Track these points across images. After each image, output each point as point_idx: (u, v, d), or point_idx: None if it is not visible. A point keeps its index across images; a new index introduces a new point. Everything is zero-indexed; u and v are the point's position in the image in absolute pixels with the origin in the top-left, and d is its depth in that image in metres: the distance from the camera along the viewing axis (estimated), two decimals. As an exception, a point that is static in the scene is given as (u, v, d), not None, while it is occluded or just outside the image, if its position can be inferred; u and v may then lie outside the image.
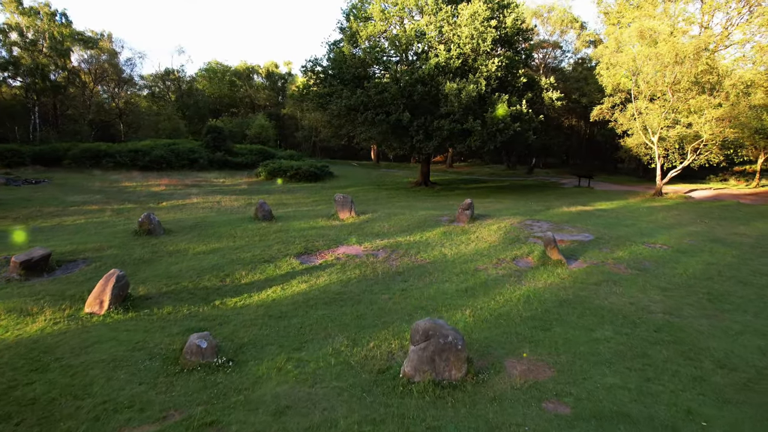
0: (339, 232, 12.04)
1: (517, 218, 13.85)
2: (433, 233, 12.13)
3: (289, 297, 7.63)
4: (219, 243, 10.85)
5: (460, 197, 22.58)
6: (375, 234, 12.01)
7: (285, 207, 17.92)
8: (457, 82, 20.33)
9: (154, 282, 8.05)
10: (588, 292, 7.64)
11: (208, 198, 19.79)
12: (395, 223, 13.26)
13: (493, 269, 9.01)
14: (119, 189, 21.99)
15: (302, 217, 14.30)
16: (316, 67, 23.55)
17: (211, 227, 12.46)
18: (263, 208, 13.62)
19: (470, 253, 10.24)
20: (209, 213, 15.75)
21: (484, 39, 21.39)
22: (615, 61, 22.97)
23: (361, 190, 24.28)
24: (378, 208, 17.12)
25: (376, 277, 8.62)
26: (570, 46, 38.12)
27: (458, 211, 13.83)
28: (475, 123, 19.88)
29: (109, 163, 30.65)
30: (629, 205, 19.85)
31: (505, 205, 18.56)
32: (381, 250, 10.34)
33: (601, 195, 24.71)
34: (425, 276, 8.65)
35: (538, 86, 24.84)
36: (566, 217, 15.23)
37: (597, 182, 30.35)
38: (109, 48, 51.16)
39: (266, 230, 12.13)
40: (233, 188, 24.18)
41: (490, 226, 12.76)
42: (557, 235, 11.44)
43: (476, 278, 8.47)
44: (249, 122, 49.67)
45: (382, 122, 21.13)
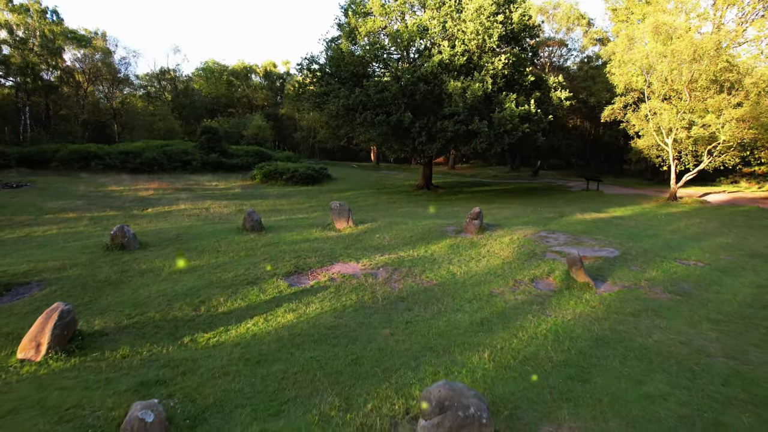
0: (334, 246, 10.85)
1: (530, 229, 12.67)
2: (439, 246, 10.95)
3: (273, 332, 6.44)
4: (199, 260, 9.66)
5: (464, 202, 21.39)
6: (374, 248, 10.82)
7: (278, 214, 16.73)
8: (462, 80, 19.15)
9: (116, 312, 6.86)
10: (626, 326, 6.45)
11: (197, 204, 18.60)
12: (397, 235, 12.08)
13: (510, 294, 7.82)
14: (104, 194, 20.80)
15: (295, 227, 13.12)
16: (313, 65, 22.36)
17: (194, 240, 11.27)
18: (252, 217, 12.43)
19: (482, 272, 9.05)
20: (195, 222, 14.55)
21: (491, 35, 20.21)
22: (628, 58, 21.78)
23: (360, 195, 23.09)
24: (378, 215, 15.93)
25: (375, 304, 7.43)
26: (576, 44, 36.97)
27: (466, 220, 12.65)
28: (482, 124, 18.69)
29: (98, 165, 29.50)
30: (646, 212, 18.66)
31: (514, 212, 17.37)
32: (381, 269, 9.15)
33: (613, 199, 23.52)
34: (432, 303, 7.46)
35: (546, 85, 23.66)
36: (582, 227, 14.04)
37: (605, 185, 29.16)
38: (103, 47, 50.00)
39: (254, 243, 10.94)
40: (225, 193, 23.00)
41: (501, 238, 11.57)
42: (578, 250, 10.26)
43: (492, 306, 7.28)
44: (246, 123, 48.50)
45: (382, 123, 19.94)
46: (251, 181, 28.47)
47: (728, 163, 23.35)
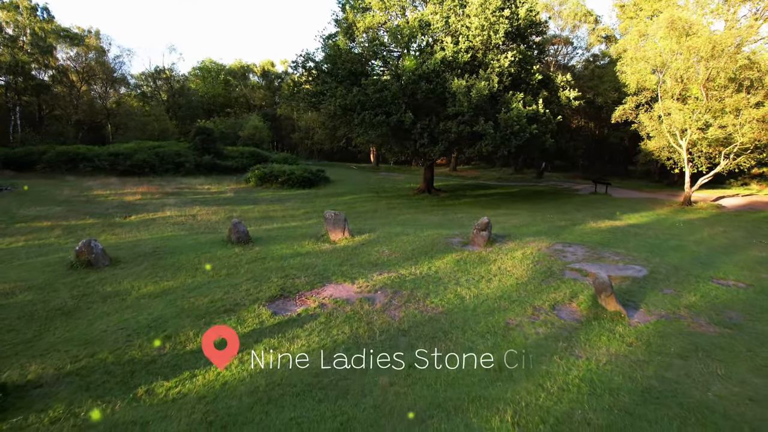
0: (328, 262, 9.73)
1: (543, 241, 11.54)
2: (444, 262, 9.83)
3: (247, 379, 5.32)
4: (174, 280, 8.54)
5: (468, 207, 20.27)
6: (372, 264, 9.71)
7: (269, 222, 15.62)
8: (466, 78, 18.03)
9: (60, 353, 5.74)
10: (676, 373, 5.32)
11: (185, 210, 17.48)
12: (397, 247, 10.97)
13: (530, 326, 6.70)
14: (88, 199, 19.68)
15: (286, 239, 11.99)
16: (308, 62, 21.22)
17: (172, 254, 10.15)
18: (237, 229, 11.30)
19: (494, 295, 7.92)
20: (178, 232, 13.44)
21: (496, 31, 19.10)
22: (641, 55, 20.64)
23: (358, 199, 21.97)
24: (376, 224, 14.82)
25: (372, 340, 6.31)
26: (582, 42, 35.84)
27: (473, 231, 11.53)
28: (487, 125, 17.57)
29: (86, 167, 28.41)
30: (662, 219, 17.54)
31: (522, 220, 16.25)
32: (379, 291, 8.03)
33: (624, 204, 22.41)
34: (439, 338, 6.34)
35: (554, 84, 22.54)
36: (599, 238, 12.92)
37: (613, 188, 28.04)
38: (97, 45, 48.88)
39: (238, 259, 9.82)
40: (217, 197, 21.88)
41: (513, 252, 10.45)
42: (601, 269, 9.14)
43: (510, 343, 6.16)
44: (242, 123, 47.36)
45: (381, 124, 18.82)
46: (245, 184, 27.40)
47: (743, 165, 22.27)
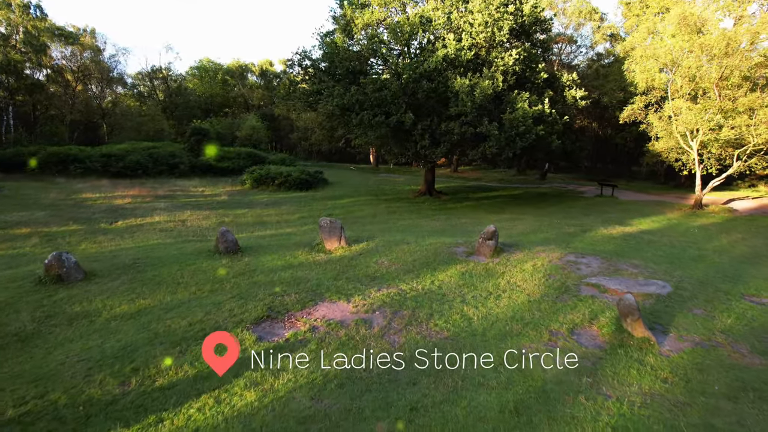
0: (322, 275, 8.95)
1: (554, 251, 10.76)
2: (448, 275, 9.05)
3: (222, 425, 4.54)
4: (151, 297, 7.76)
5: (471, 212, 19.49)
6: (370, 277, 8.93)
7: (262, 228, 14.83)
8: (470, 77, 17.24)
9: (4, 392, 4.95)
10: (727, 421, 4.53)
11: (174, 215, 16.70)
12: (397, 258, 10.19)
13: (547, 354, 5.91)
14: (75, 202, 18.90)
15: (278, 248, 11.21)
16: (305, 60, 20.41)
17: (153, 267, 9.36)
18: (225, 238, 10.51)
19: (505, 315, 7.14)
20: (164, 239, 12.66)
21: (500, 27, 18.33)
22: (651, 53, 19.84)
23: (356, 203, 21.18)
24: (375, 230, 14.04)
25: (368, 374, 5.52)
26: (586, 40, 35.03)
27: (478, 240, 10.74)
28: (491, 126, 16.78)
29: (77, 169, 27.67)
30: (674, 224, 16.76)
31: (529, 225, 15.46)
32: (377, 312, 7.24)
33: (631, 207, 21.63)
34: (445, 372, 5.54)
35: (560, 83, 21.77)
36: (612, 246, 12.14)
37: (619, 190, 27.25)
38: (92, 44, 48.11)
39: (224, 272, 9.04)
40: (210, 200, 21.10)
41: (522, 264, 9.67)
42: (620, 284, 8.36)
43: (527, 378, 5.37)
44: (240, 123, 46.58)
45: (380, 124, 18.03)
46: (241, 187, 26.64)
47: (755, 167, 21.54)
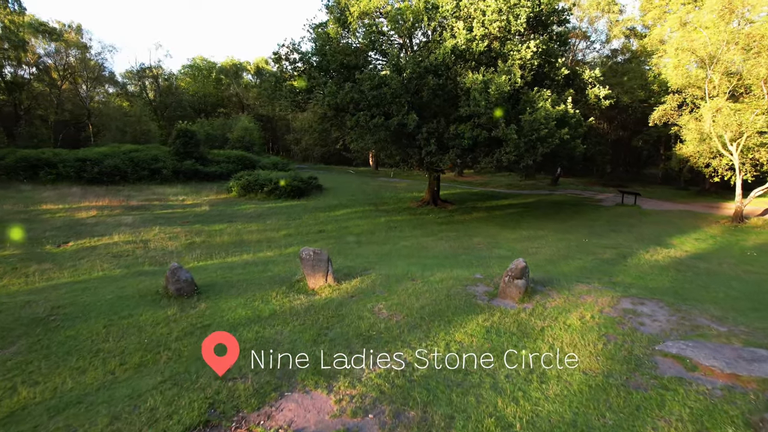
0: (298, 336, 6.57)
1: (601, 293, 8.36)
2: (469, 333, 6.67)
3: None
4: (45, 383, 5.38)
5: (483, 226, 17.10)
6: (363, 338, 6.55)
7: (238, 252, 12.45)
8: (483, 71, 14.87)
9: None
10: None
11: (139, 233, 14.33)
12: (400, 303, 7.82)
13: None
14: (30, 216, 16.54)
15: (248, 286, 8.85)
16: (293, 53, 17.99)
17: (72, 322, 6.99)
18: (177, 277, 8.12)
19: (560, 417, 4.75)
20: (111, 271, 10.29)
21: (517, 15, 15.95)
22: (689, 45, 17.42)
23: (352, 215, 18.80)
24: (372, 255, 11.65)
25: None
26: (602, 36, 32.64)
27: (503, 278, 8.34)
28: (509, 129, 14.39)
29: (48, 175, 25.34)
30: (724, 243, 14.37)
31: (555, 248, 13.07)
32: (371, 414, 4.86)
33: (662, 220, 19.24)
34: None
35: (580, 81, 19.36)
36: (667, 280, 9.77)
37: (641, 198, 24.86)
38: (77, 41, 45.79)
39: (165, 331, 6.66)
40: (187, 212, 18.73)
41: (565, 315, 7.29)
42: (710, 355, 5.96)
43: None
44: (232, 124, 44.23)
45: (378, 127, 15.64)
46: (226, 195, 24.28)
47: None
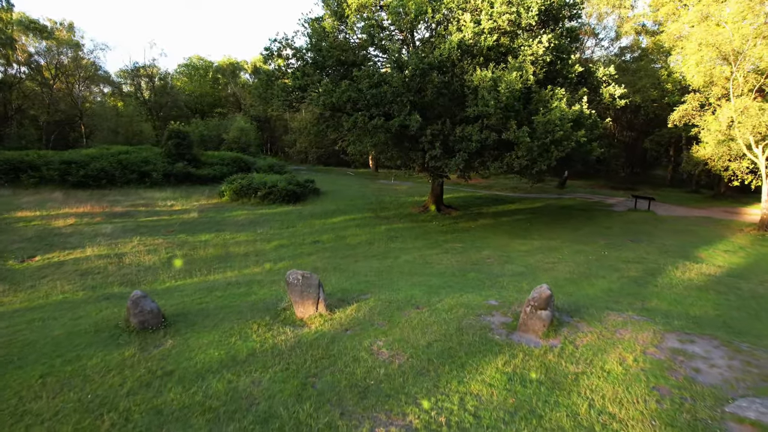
0: (279, 388, 5.32)
1: (640, 327, 7.10)
2: (487, 383, 5.42)
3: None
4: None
5: (491, 235, 15.85)
6: (360, 389, 5.30)
7: (221, 268, 11.20)
8: (492, 68, 13.62)
9: None
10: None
11: (116, 244, 13.10)
12: (402, 339, 6.58)
13: None
14: (0, 226, 15.30)
15: (226, 315, 7.60)
16: (286, 49, 16.71)
17: (3, 368, 5.76)
18: (140, 308, 6.86)
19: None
20: (72, 294, 9.04)
21: (528, 7, 14.71)
22: (714, 40, 16.14)
23: (350, 223, 17.55)
24: (371, 273, 10.40)
25: None
26: (610, 33, 31.38)
27: (524, 310, 7.08)
28: (521, 131, 13.13)
29: (31, 178, 24.08)
30: (758, 256, 13.10)
31: (573, 262, 11.81)
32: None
33: (681, 228, 17.97)
34: None
35: (595, 78, 18.11)
36: (709, 305, 8.51)
37: (655, 203, 23.60)
38: (69, 39, 44.56)
39: (114, 386, 5.42)
40: (174, 220, 17.48)
41: (601, 357, 6.03)
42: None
43: None
44: (227, 125, 43.01)
45: (378, 129, 14.37)
46: (218, 199, 23.04)
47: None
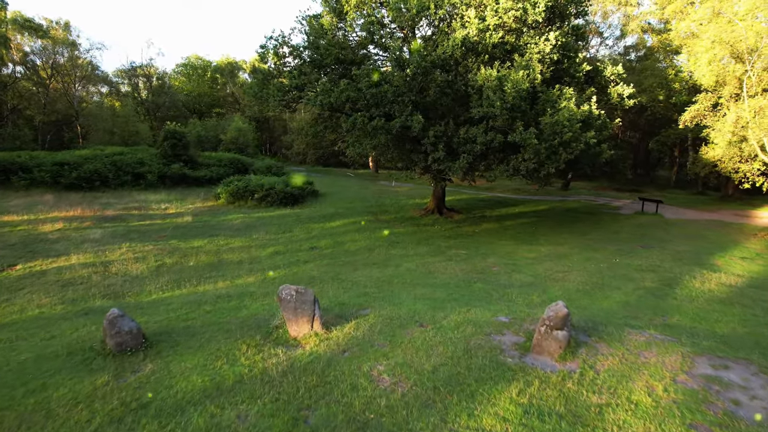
0: (267, 423, 4.71)
1: (665, 350, 6.48)
2: (499, 417, 4.81)
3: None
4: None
5: (496, 240, 15.24)
6: (357, 425, 4.69)
7: (212, 278, 10.59)
8: (497, 67, 13.01)
9: None
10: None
11: (104, 251, 12.49)
12: (405, 363, 5.97)
13: None
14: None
15: (214, 334, 7.00)
16: (283, 47, 16.08)
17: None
18: (118, 328, 6.25)
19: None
20: (50, 309, 8.43)
21: (535, 3, 14.09)
22: (727, 37, 15.53)
23: (349, 228, 16.94)
24: (370, 284, 9.79)
25: None
26: (615, 31, 30.79)
27: (539, 330, 6.47)
28: (527, 133, 12.52)
29: (22, 180, 23.48)
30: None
31: (584, 270, 11.20)
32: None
33: (692, 233, 17.34)
34: None
35: (602, 78, 17.51)
36: (736, 321, 7.91)
37: (662, 206, 22.98)
38: (64, 38, 43.93)
39: (80, 422, 4.80)
40: (168, 223, 16.88)
41: (626, 385, 5.42)
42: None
43: None
44: (225, 125, 42.41)
45: (378, 130, 13.75)
46: (214, 202, 22.43)
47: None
